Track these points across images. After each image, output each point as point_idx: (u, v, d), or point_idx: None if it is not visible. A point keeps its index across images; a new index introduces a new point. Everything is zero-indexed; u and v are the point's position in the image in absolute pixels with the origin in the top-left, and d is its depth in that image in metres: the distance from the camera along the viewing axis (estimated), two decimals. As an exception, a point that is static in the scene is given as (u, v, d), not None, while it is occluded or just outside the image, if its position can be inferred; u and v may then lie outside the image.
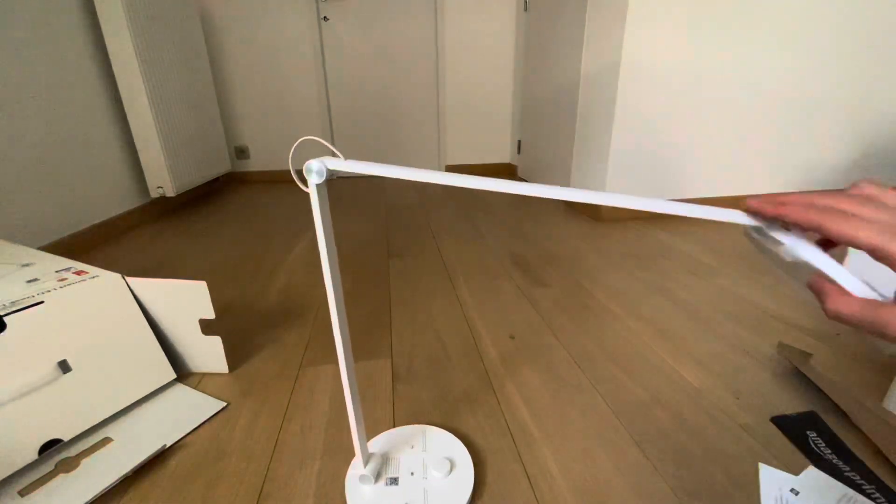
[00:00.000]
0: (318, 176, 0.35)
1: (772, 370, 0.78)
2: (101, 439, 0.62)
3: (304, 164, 0.35)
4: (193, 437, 0.64)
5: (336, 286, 0.42)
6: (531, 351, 0.85)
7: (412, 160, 2.90)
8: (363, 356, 0.84)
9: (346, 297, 1.10)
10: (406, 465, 0.56)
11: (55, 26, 1.44)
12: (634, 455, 0.60)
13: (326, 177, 0.36)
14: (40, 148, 1.36)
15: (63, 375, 0.62)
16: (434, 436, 0.61)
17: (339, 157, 0.35)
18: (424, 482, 0.53)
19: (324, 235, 0.39)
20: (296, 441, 0.63)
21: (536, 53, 2.32)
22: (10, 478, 0.55)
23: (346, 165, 0.34)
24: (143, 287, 0.73)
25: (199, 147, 2.09)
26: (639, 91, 1.59)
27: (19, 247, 0.84)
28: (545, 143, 2.29)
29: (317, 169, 0.35)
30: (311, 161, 0.35)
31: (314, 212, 0.38)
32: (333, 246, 0.41)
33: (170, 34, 1.86)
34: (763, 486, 0.54)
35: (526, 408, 0.69)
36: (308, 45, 2.51)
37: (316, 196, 0.37)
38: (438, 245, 1.49)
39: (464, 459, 0.57)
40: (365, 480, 0.52)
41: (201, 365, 0.78)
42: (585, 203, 1.88)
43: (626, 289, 1.12)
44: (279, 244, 1.52)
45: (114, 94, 1.70)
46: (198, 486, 0.56)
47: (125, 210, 1.74)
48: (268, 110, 2.61)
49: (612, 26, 1.57)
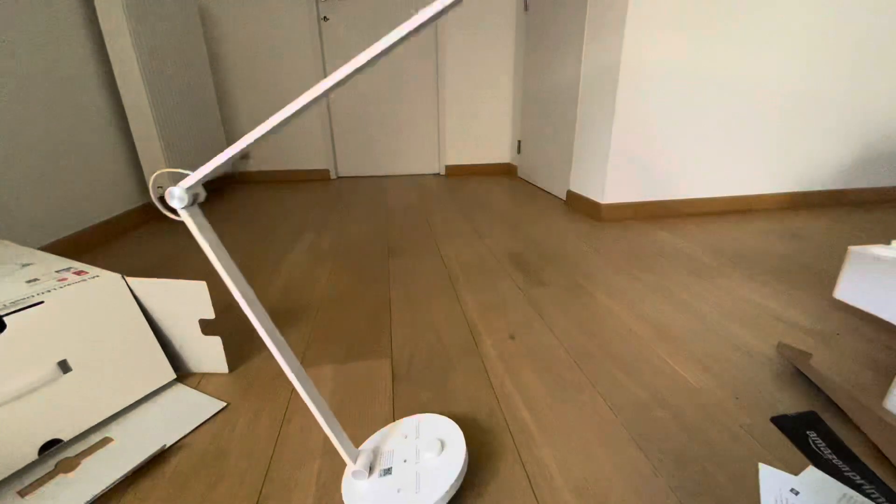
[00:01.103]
0: (180, 201, 0.33)
1: (772, 370, 0.78)
2: (101, 439, 0.62)
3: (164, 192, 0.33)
4: (193, 437, 0.64)
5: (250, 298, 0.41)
6: (531, 351, 0.85)
7: (412, 160, 2.90)
8: (363, 356, 0.84)
9: (346, 296, 1.10)
10: (399, 454, 0.56)
11: (56, 27, 1.44)
12: (634, 455, 0.60)
13: (190, 200, 0.34)
14: (41, 148, 1.36)
15: (63, 375, 0.62)
16: (427, 421, 0.61)
17: (189, 173, 0.34)
18: (416, 466, 0.54)
19: (216, 258, 0.37)
20: (296, 441, 0.63)
21: (536, 53, 2.32)
22: (10, 478, 0.55)
23: (198, 174, 0.33)
24: (143, 287, 0.73)
25: (200, 147, 2.09)
26: (639, 91, 1.59)
27: (19, 247, 0.84)
28: (545, 143, 2.29)
29: (178, 195, 0.33)
30: (171, 189, 0.33)
31: (196, 237, 0.36)
32: (232, 264, 0.39)
33: (170, 34, 1.86)
34: (763, 486, 0.54)
35: (526, 407, 0.69)
36: (308, 45, 2.51)
37: (191, 221, 0.35)
38: (438, 245, 1.49)
39: (455, 437, 0.57)
40: (358, 476, 0.52)
41: (201, 365, 0.78)
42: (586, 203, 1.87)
43: (626, 288, 1.12)
44: (279, 244, 1.52)
45: (114, 94, 1.70)
46: (198, 486, 0.56)
47: (125, 210, 1.74)
48: (268, 110, 2.61)
49: (613, 26, 1.57)
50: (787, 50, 1.67)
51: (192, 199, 0.34)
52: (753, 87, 1.69)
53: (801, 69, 1.71)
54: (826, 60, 1.73)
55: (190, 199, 0.34)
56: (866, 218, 1.77)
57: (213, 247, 0.37)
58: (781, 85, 1.72)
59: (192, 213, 0.35)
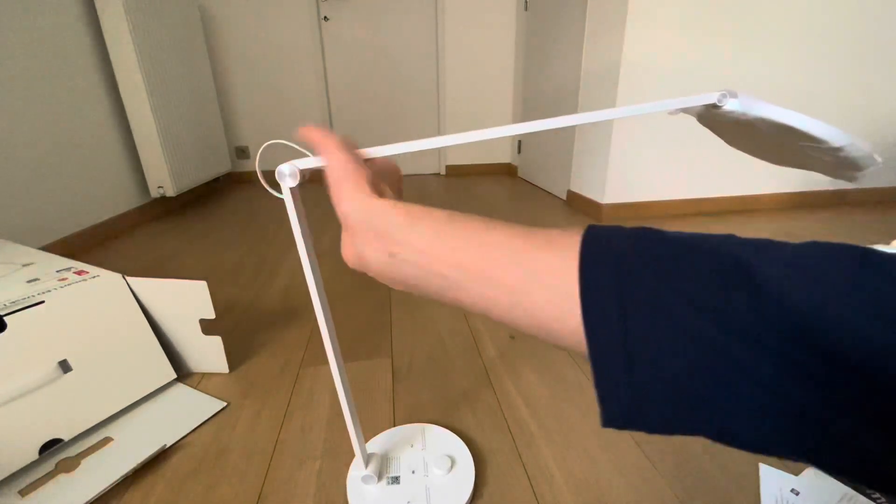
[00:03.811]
0: (292, 179, 0.33)
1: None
2: (101, 439, 0.62)
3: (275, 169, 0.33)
4: (193, 436, 0.64)
5: (319, 289, 0.41)
6: (531, 350, 0.85)
7: (413, 160, 2.90)
8: (363, 356, 0.84)
9: (346, 296, 1.10)
10: (407, 463, 0.56)
11: (55, 27, 1.44)
12: (634, 455, 0.60)
13: (300, 180, 0.34)
14: (41, 148, 1.37)
15: (63, 375, 0.62)
16: (434, 434, 0.61)
17: (309, 156, 0.33)
18: (426, 480, 0.53)
19: (302, 242, 0.38)
20: (296, 441, 0.63)
21: (536, 53, 2.32)
22: (11, 477, 0.55)
23: (316, 161, 0.32)
24: (143, 287, 0.73)
25: (200, 147, 2.09)
26: (639, 91, 1.59)
27: (20, 246, 0.84)
28: (545, 143, 2.29)
29: (290, 172, 0.33)
30: (281, 165, 0.33)
31: (291, 218, 0.36)
32: (313, 251, 0.40)
33: (170, 34, 1.86)
34: (763, 486, 0.54)
35: (526, 407, 0.69)
36: (308, 45, 2.51)
37: (291, 202, 0.35)
38: (438, 245, 1.49)
39: (464, 456, 0.57)
40: (368, 480, 0.52)
41: (201, 365, 0.78)
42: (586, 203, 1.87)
43: (627, 289, 1.12)
44: (280, 244, 1.52)
45: (114, 94, 1.70)
46: (198, 486, 0.56)
47: (125, 210, 1.74)
48: (268, 110, 2.61)
49: (613, 26, 1.57)
50: (787, 50, 1.66)
51: (300, 181, 0.34)
52: (754, 86, 1.69)
53: (802, 69, 1.71)
54: (827, 60, 1.73)
55: (299, 180, 0.34)
56: (866, 218, 1.77)
57: (303, 232, 0.37)
58: (782, 85, 1.72)
59: (294, 194, 0.35)
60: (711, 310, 0.16)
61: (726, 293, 0.16)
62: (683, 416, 0.16)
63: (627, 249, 0.19)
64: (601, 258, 0.19)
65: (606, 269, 0.18)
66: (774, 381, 0.15)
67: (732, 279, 0.16)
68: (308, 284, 0.41)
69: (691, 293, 0.16)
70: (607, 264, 0.19)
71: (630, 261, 0.18)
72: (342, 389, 0.47)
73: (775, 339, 0.15)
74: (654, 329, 0.17)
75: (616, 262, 0.18)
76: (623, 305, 0.17)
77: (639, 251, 0.18)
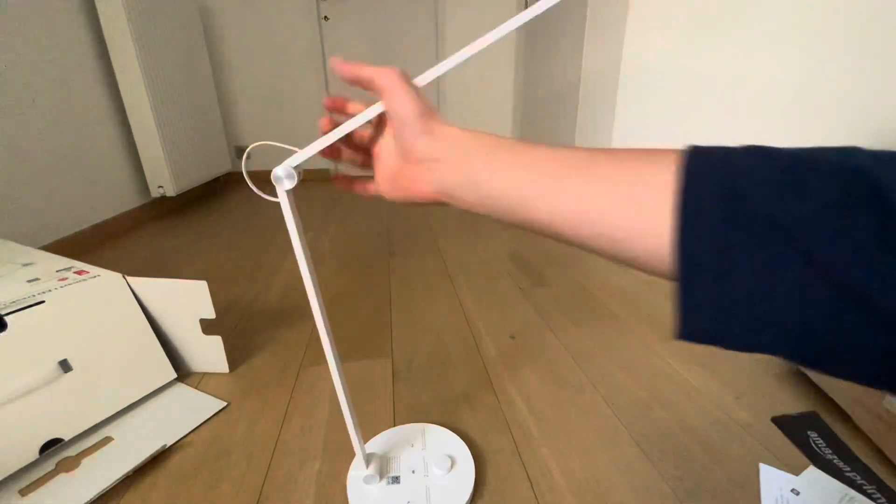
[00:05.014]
0: (289, 181, 0.32)
1: (773, 370, 0.78)
2: (101, 439, 0.62)
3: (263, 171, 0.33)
4: (194, 436, 0.64)
5: (315, 290, 0.41)
6: (531, 351, 0.85)
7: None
8: (363, 356, 0.84)
9: (347, 296, 1.10)
10: (407, 463, 0.56)
11: (56, 27, 1.45)
12: (634, 455, 0.60)
13: (297, 180, 0.33)
14: (41, 148, 1.37)
15: (64, 375, 0.62)
16: (434, 434, 0.61)
17: (296, 150, 0.32)
18: (426, 479, 0.53)
19: (299, 243, 0.37)
20: (296, 441, 0.63)
21: (536, 53, 2.32)
22: (11, 477, 0.55)
23: (306, 152, 0.32)
24: (143, 287, 0.73)
25: (200, 147, 2.09)
26: (639, 91, 1.59)
27: (20, 246, 0.84)
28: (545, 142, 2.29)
29: (286, 174, 0.32)
30: (276, 168, 0.32)
31: (287, 221, 0.35)
32: (308, 252, 0.39)
33: (170, 34, 1.86)
34: (763, 486, 0.54)
35: (526, 407, 0.69)
36: (308, 45, 2.51)
37: (287, 204, 0.34)
38: (439, 245, 1.49)
39: (464, 456, 0.57)
40: (368, 480, 0.52)
41: (202, 365, 0.78)
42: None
43: (627, 288, 1.12)
44: (280, 244, 1.52)
45: (114, 94, 1.70)
46: (198, 486, 0.56)
47: (126, 210, 1.74)
48: (268, 110, 2.61)
49: (613, 26, 1.57)
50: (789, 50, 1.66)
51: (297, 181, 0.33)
52: (755, 86, 1.69)
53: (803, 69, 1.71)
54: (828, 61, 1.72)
55: (296, 181, 0.32)
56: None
57: (299, 234, 0.37)
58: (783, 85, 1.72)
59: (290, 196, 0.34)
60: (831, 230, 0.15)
61: (851, 213, 0.15)
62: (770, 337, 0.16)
63: (734, 166, 0.18)
64: (704, 171, 0.19)
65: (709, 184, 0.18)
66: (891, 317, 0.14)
67: (857, 197, 0.15)
68: (305, 286, 0.40)
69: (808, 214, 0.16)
70: (711, 178, 0.18)
71: (736, 178, 0.18)
72: (341, 389, 0.47)
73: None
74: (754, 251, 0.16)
75: (720, 178, 0.18)
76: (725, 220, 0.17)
77: (748, 169, 0.18)
